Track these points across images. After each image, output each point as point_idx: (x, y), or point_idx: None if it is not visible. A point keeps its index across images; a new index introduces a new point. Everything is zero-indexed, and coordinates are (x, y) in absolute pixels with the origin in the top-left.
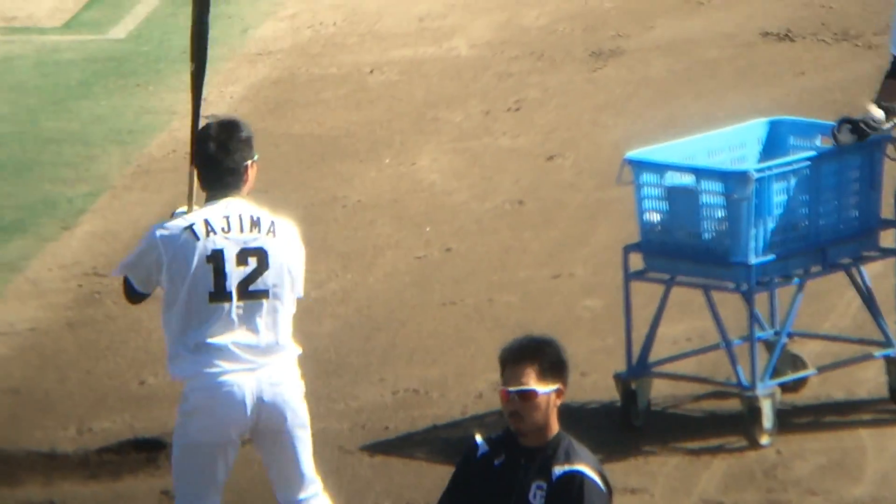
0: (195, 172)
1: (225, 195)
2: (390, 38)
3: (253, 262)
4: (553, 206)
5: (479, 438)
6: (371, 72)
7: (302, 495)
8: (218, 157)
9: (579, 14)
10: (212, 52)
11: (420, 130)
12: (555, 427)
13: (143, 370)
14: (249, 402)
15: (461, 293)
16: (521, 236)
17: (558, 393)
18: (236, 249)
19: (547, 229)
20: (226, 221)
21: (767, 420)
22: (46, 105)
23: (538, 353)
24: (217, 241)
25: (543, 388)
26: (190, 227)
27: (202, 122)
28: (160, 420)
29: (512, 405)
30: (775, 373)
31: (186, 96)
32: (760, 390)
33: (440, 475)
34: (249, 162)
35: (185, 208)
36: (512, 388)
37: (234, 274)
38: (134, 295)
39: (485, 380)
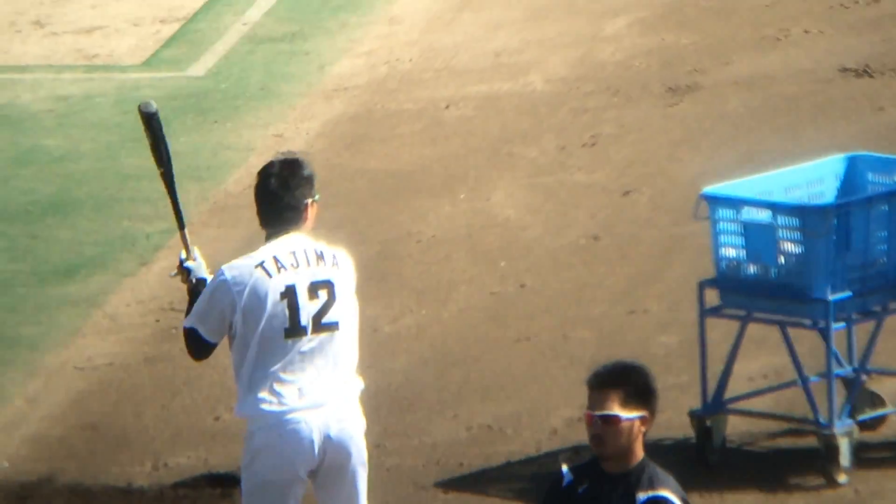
0: (256, 211)
1: (286, 231)
2: (466, 74)
3: (323, 294)
4: (628, 241)
5: (564, 467)
6: (447, 107)
7: None
8: (279, 194)
9: (655, 49)
10: (289, 88)
11: (495, 166)
12: (639, 454)
13: (218, 405)
14: (317, 439)
15: (535, 329)
16: (595, 272)
17: (643, 420)
18: (307, 284)
19: (622, 265)
20: (293, 257)
21: (845, 458)
22: (126, 142)
23: (624, 378)
24: (289, 277)
25: (627, 414)
26: (261, 265)
27: (274, 157)
28: (234, 455)
29: (595, 429)
30: (853, 410)
31: (264, 132)
32: (838, 428)
33: None
34: (310, 201)
35: (184, 254)
36: (595, 413)
37: (307, 308)
38: (201, 348)
39: (559, 416)
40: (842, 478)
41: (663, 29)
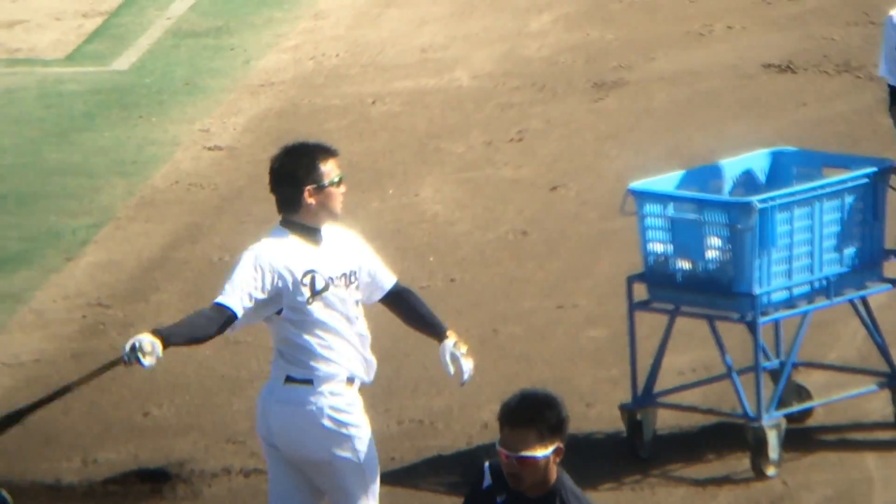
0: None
1: (282, 220)
2: (392, 70)
3: None
4: (556, 236)
5: (486, 464)
6: (373, 103)
7: None
8: (274, 181)
9: (581, 45)
10: (214, 83)
11: (422, 161)
12: (553, 476)
13: (148, 401)
14: (261, 414)
15: (465, 324)
16: (524, 267)
17: (557, 452)
18: None
19: (550, 260)
20: None
21: (773, 451)
22: (49, 137)
23: (538, 416)
24: None
25: (543, 452)
26: None
27: (206, 153)
28: (164, 451)
29: (511, 468)
30: (781, 403)
31: (190, 127)
32: (766, 421)
33: None
34: (312, 187)
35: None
36: (511, 454)
37: None
38: None
39: (490, 410)
40: (770, 470)
41: (588, 25)
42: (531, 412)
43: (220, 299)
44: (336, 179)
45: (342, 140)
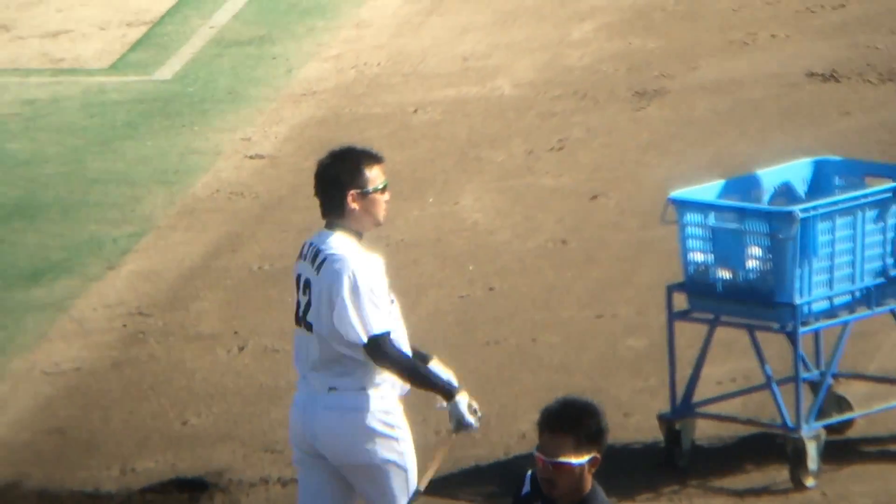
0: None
1: (330, 224)
2: (434, 78)
3: (307, 293)
4: (596, 245)
5: (529, 473)
6: (415, 111)
7: None
8: (320, 187)
9: (623, 54)
10: (257, 92)
11: (463, 170)
12: (587, 487)
13: (186, 410)
14: (302, 422)
15: (504, 333)
16: (564, 276)
17: (593, 462)
18: (304, 278)
19: (590, 269)
20: (308, 248)
21: (812, 462)
22: (93, 146)
23: (577, 423)
24: (298, 267)
25: (579, 460)
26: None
27: (247, 162)
28: (203, 460)
29: (545, 473)
30: (821, 414)
31: (231, 136)
32: (805, 432)
33: None
34: (356, 191)
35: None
36: (547, 459)
37: (301, 300)
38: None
39: (528, 420)
40: (809, 481)
41: (630, 33)
42: (571, 419)
43: (374, 331)
44: (381, 186)
45: (383, 149)
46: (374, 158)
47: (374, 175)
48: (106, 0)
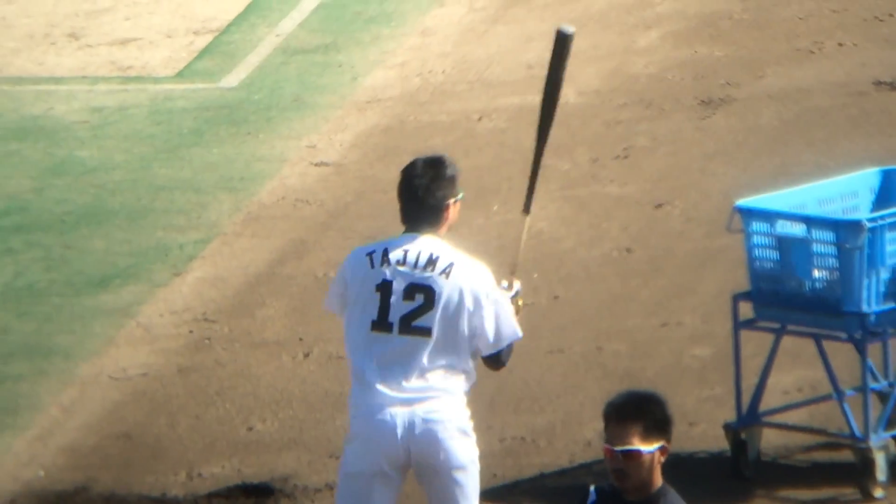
0: (400, 209)
1: (419, 231)
2: (499, 86)
3: (420, 298)
4: (661, 254)
5: (592, 487)
6: (479, 119)
7: None
8: (420, 195)
9: (689, 62)
10: (322, 99)
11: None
12: (658, 482)
13: (252, 416)
14: (401, 434)
15: (569, 341)
16: (628, 284)
17: (662, 450)
18: (405, 283)
19: (655, 277)
20: (403, 254)
21: (881, 472)
22: (159, 153)
23: (643, 411)
24: (388, 272)
25: (648, 448)
26: (370, 254)
27: (313, 169)
28: (268, 465)
29: (616, 463)
30: (889, 424)
31: (297, 143)
32: (874, 442)
33: None
34: (452, 200)
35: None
36: (617, 448)
37: (399, 307)
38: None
39: (592, 428)
40: (878, 492)
41: (696, 41)
42: (637, 407)
43: (520, 332)
44: (462, 195)
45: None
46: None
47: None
48: (173, 8)
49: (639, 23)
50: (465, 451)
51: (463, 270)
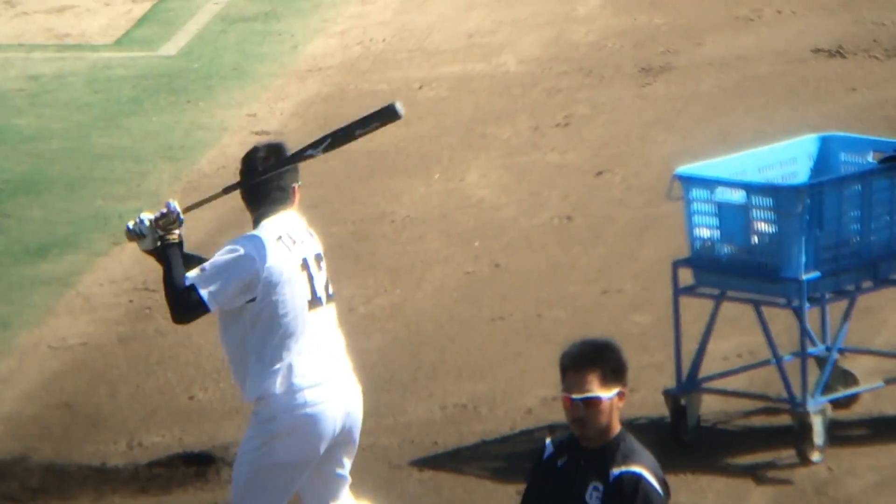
0: (243, 195)
1: (276, 211)
2: (439, 55)
3: (323, 266)
4: (602, 221)
5: (547, 440)
6: (420, 88)
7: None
8: (270, 177)
9: (628, 30)
10: (262, 68)
11: (469, 146)
12: (616, 427)
13: (193, 385)
14: (340, 416)
15: (510, 308)
16: (569, 252)
17: (620, 396)
18: (312, 255)
19: (595, 245)
20: (297, 232)
21: (819, 437)
22: (98, 121)
23: (600, 358)
24: (301, 250)
25: (607, 394)
26: (279, 239)
27: (253, 138)
28: (209, 434)
29: (576, 411)
30: (826, 389)
31: (237, 112)
32: (811, 406)
33: (489, 490)
34: (296, 185)
35: (176, 202)
36: (576, 396)
37: (319, 278)
38: (194, 311)
39: (534, 395)
40: (815, 456)
41: (636, 9)
42: (594, 354)
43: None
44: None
45: (388, 125)
46: None
47: None
48: None
49: None
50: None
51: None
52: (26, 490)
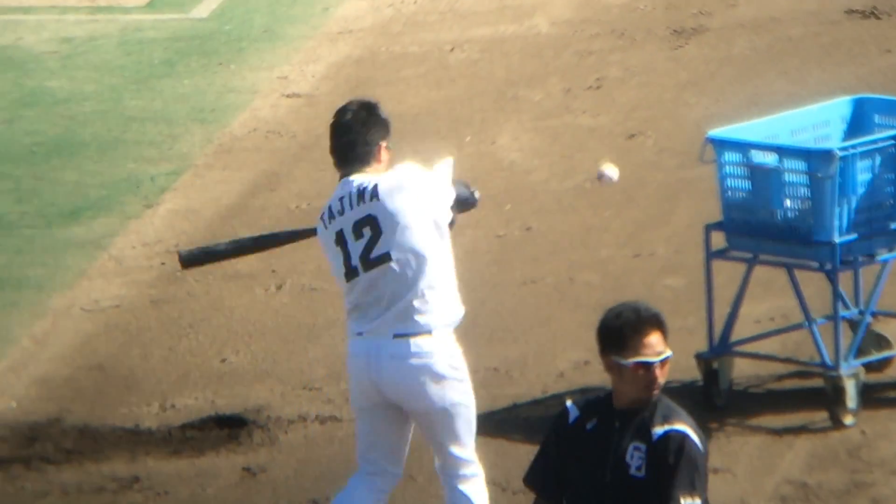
0: (330, 150)
1: (354, 171)
2: (471, 17)
3: (367, 231)
4: (634, 184)
5: (569, 403)
6: (451, 50)
7: (450, 471)
8: (352, 133)
9: None
10: (293, 30)
11: (500, 109)
12: None
13: (225, 347)
14: (365, 371)
15: (541, 272)
16: (601, 215)
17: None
18: (351, 225)
19: (628, 208)
20: (340, 203)
21: (851, 400)
22: (130, 84)
23: (657, 318)
24: (337, 224)
25: (670, 352)
26: (321, 217)
27: (284, 101)
28: (241, 396)
29: (651, 375)
30: (859, 352)
31: (268, 75)
32: (844, 370)
33: (521, 453)
34: (384, 143)
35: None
36: (653, 359)
37: (355, 248)
38: None
39: (565, 359)
40: (848, 419)
41: None
42: (651, 316)
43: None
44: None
45: (420, 87)
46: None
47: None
48: None
49: None
50: (443, 393)
51: (386, 180)
52: (60, 451)
